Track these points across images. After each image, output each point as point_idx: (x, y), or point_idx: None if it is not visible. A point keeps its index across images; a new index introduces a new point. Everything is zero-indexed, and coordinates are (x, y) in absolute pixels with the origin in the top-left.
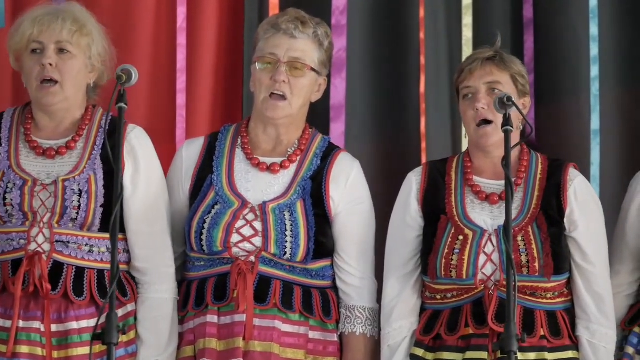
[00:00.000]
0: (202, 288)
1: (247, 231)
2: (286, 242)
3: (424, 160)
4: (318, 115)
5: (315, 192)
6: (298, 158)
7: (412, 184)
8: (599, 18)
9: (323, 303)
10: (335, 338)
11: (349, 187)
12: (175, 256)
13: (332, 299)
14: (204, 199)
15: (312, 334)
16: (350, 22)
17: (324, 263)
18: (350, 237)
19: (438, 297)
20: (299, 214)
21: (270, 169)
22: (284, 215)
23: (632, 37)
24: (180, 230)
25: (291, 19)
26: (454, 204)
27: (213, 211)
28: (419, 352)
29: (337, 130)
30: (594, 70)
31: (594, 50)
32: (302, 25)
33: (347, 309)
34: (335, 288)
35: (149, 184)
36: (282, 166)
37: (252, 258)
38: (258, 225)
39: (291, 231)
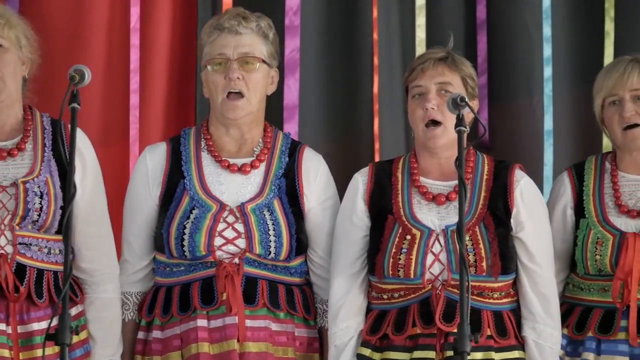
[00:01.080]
0: (185, 293)
1: (229, 233)
2: (270, 241)
3: (377, 160)
4: (271, 115)
5: (289, 189)
6: (266, 157)
7: (359, 184)
8: (552, 19)
9: (303, 300)
10: (316, 334)
11: (318, 183)
12: (145, 263)
13: (309, 295)
14: (179, 204)
15: (298, 331)
16: (304, 22)
17: (300, 259)
18: (323, 231)
19: (385, 296)
20: (278, 213)
21: (241, 169)
22: (264, 214)
23: (585, 38)
24: (149, 237)
25: (232, 16)
26: (400, 204)
27: (192, 216)
28: (366, 352)
29: (291, 131)
30: (547, 71)
31: (547, 51)
32: (244, 20)
33: (324, 303)
34: (309, 283)
35: (94, 185)
36: (252, 166)
37: (237, 260)
38: (240, 226)
39: (274, 230)
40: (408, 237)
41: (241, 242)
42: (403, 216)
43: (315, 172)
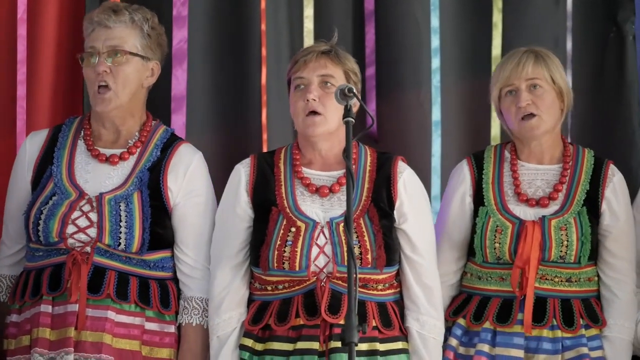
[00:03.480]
0: (38, 278)
1: (82, 222)
2: (120, 232)
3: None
4: (159, 106)
5: (152, 183)
6: (138, 150)
7: (241, 175)
8: (440, 10)
9: (161, 294)
10: (172, 329)
11: (187, 179)
12: (18, 248)
13: (172, 290)
14: (43, 189)
15: (148, 325)
16: (192, 13)
17: (163, 254)
18: (188, 228)
19: (269, 288)
20: (134, 205)
21: (109, 160)
22: (120, 206)
23: (472, 29)
24: (22, 222)
25: (103, 10)
26: (284, 195)
27: (50, 202)
28: (248, 342)
29: (178, 122)
30: (435, 62)
31: (435, 42)
32: (114, 13)
33: (185, 300)
34: (176, 279)
35: None
36: (121, 158)
37: (88, 249)
38: (93, 216)
39: (125, 222)
40: (293, 229)
41: (92, 232)
42: (287, 208)
43: (185, 167)
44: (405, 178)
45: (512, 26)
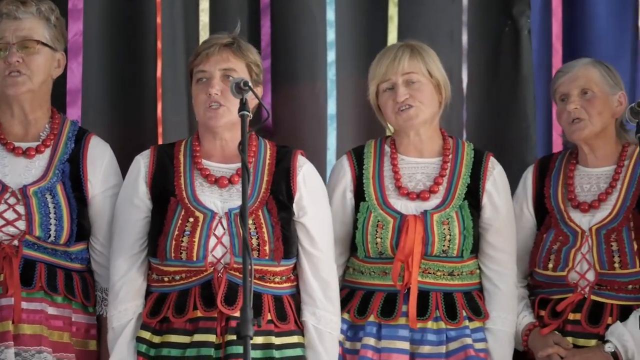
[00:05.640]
0: None
1: (10, 215)
2: (50, 224)
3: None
4: (54, 99)
5: (73, 175)
6: (52, 142)
7: (140, 166)
8: (335, 3)
9: (83, 286)
10: (95, 321)
11: (103, 171)
12: None
13: (89, 281)
14: None
15: (75, 317)
16: (87, 6)
17: (82, 246)
18: (105, 220)
19: (166, 279)
20: (60, 197)
21: (25, 153)
22: (46, 198)
23: (368, 22)
24: None
25: (10, 1)
26: (183, 186)
27: None
28: (146, 335)
29: (74, 115)
30: (331, 56)
31: (331, 35)
32: (22, 5)
33: (102, 292)
34: (90, 270)
35: None
36: (37, 150)
37: (16, 242)
38: (20, 208)
39: (54, 213)
40: (191, 219)
41: (21, 224)
42: (186, 198)
43: (101, 159)
44: (305, 172)
45: (408, 20)
